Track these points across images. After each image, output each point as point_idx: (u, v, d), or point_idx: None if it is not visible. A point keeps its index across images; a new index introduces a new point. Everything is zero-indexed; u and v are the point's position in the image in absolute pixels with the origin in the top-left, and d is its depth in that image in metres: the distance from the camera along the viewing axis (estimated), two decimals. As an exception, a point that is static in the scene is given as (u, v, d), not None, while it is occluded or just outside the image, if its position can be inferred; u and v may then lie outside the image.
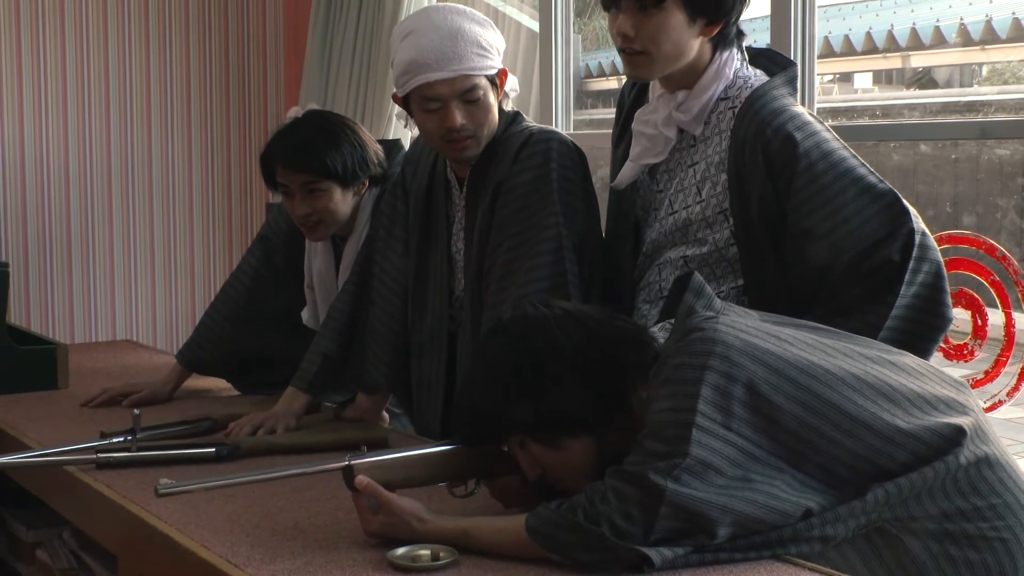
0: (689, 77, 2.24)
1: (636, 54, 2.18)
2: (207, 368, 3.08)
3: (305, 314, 3.01)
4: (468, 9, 2.47)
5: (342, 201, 2.78)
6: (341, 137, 2.76)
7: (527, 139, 2.45)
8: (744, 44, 2.29)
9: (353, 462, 1.86)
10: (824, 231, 2.08)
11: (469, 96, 2.40)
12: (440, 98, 2.39)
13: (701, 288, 1.83)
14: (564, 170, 2.42)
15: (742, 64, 2.26)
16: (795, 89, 2.24)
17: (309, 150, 2.73)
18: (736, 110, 2.20)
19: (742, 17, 2.25)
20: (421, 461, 1.91)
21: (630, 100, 2.43)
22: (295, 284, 3.02)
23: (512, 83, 2.51)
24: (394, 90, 2.50)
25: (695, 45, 2.19)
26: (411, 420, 2.83)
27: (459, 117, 2.39)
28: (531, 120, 2.58)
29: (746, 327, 1.74)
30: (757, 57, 2.31)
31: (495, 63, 2.43)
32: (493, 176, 2.48)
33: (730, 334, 1.71)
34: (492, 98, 2.44)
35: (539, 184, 2.42)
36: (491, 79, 2.43)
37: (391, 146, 2.97)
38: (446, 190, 2.62)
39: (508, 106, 2.55)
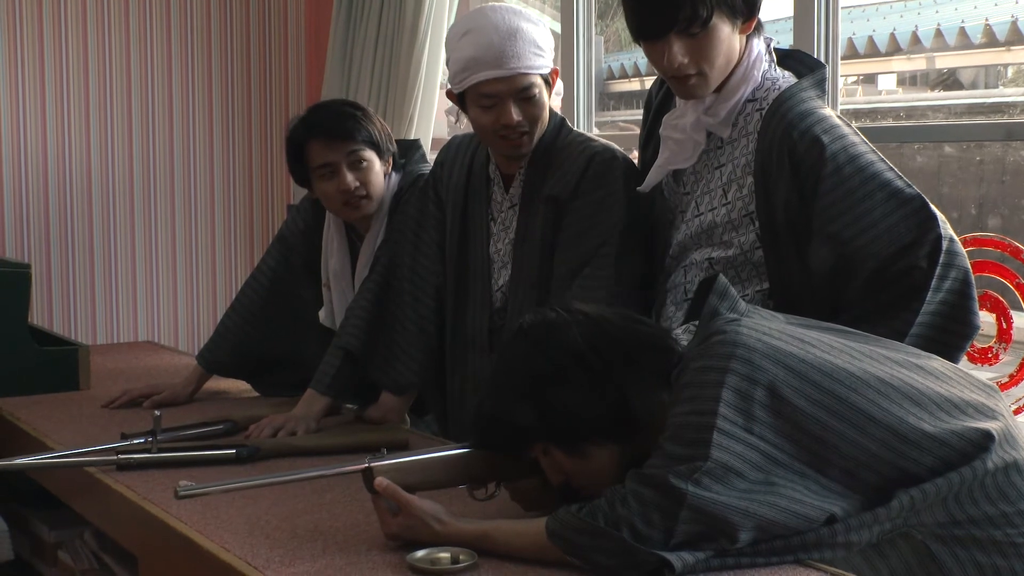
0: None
1: (690, 76, 2.16)
2: (227, 370, 3.08)
3: (322, 314, 3.00)
4: (523, 9, 2.51)
5: (380, 174, 2.82)
6: (366, 112, 2.85)
7: (592, 157, 2.48)
8: (772, 46, 2.27)
9: (373, 464, 1.86)
10: (850, 236, 2.07)
11: (525, 94, 2.44)
12: (497, 94, 2.42)
13: (725, 290, 1.82)
14: (631, 191, 2.45)
15: (770, 66, 2.25)
16: (824, 91, 2.22)
17: (350, 120, 2.78)
18: (763, 112, 2.18)
19: (765, 19, 2.24)
20: (441, 463, 1.90)
21: (657, 102, 2.42)
22: (314, 285, 3.02)
23: (557, 86, 2.53)
24: (447, 87, 2.55)
25: (737, 46, 2.19)
26: (439, 422, 2.82)
27: (516, 114, 2.44)
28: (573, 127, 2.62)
29: (769, 330, 1.73)
30: (785, 59, 2.29)
31: (548, 62, 2.48)
32: (553, 187, 2.51)
33: (752, 337, 1.70)
34: (546, 96, 2.49)
35: (608, 204, 2.45)
36: (545, 78, 2.47)
37: (409, 146, 2.98)
38: (486, 188, 2.62)
39: (556, 105, 2.57)
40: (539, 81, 2.45)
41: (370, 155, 2.79)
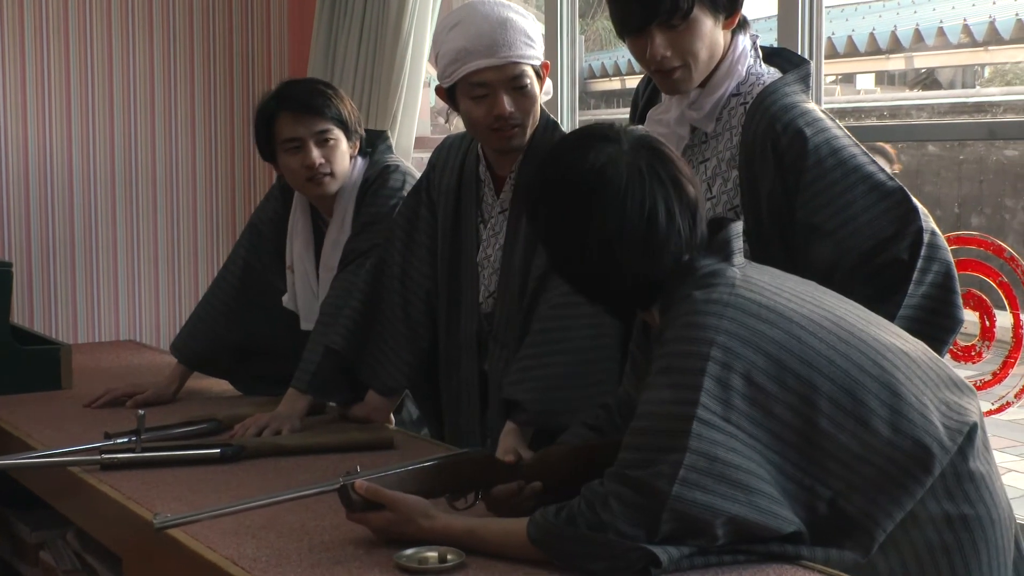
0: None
1: (674, 70, 2.17)
2: (202, 360, 3.06)
3: (285, 298, 3.01)
4: (511, 3, 2.50)
5: (346, 154, 2.86)
6: (337, 91, 2.88)
7: None
8: (759, 43, 2.28)
9: (348, 481, 1.85)
10: (832, 228, 2.07)
11: (517, 83, 2.43)
12: (489, 84, 2.41)
13: (727, 242, 1.79)
14: None
15: (756, 62, 2.26)
16: (808, 87, 2.23)
17: (321, 97, 2.81)
18: (748, 106, 2.19)
19: (749, 17, 2.25)
20: (416, 476, 1.90)
21: (644, 100, 2.43)
22: (284, 273, 3.03)
23: (547, 85, 2.54)
24: (436, 84, 2.53)
25: (721, 41, 2.19)
26: (432, 424, 2.82)
27: (508, 105, 2.42)
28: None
29: (757, 309, 1.68)
30: (772, 56, 2.30)
31: (539, 54, 2.47)
32: None
33: (736, 319, 1.67)
34: (537, 88, 2.48)
35: None
36: (536, 70, 2.47)
37: (376, 136, 3.00)
38: (477, 191, 2.62)
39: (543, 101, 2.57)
40: (531, 72, 2.44)
41: (338, 134, 2.82)
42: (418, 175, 2.89)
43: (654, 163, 1.77)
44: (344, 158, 2.84)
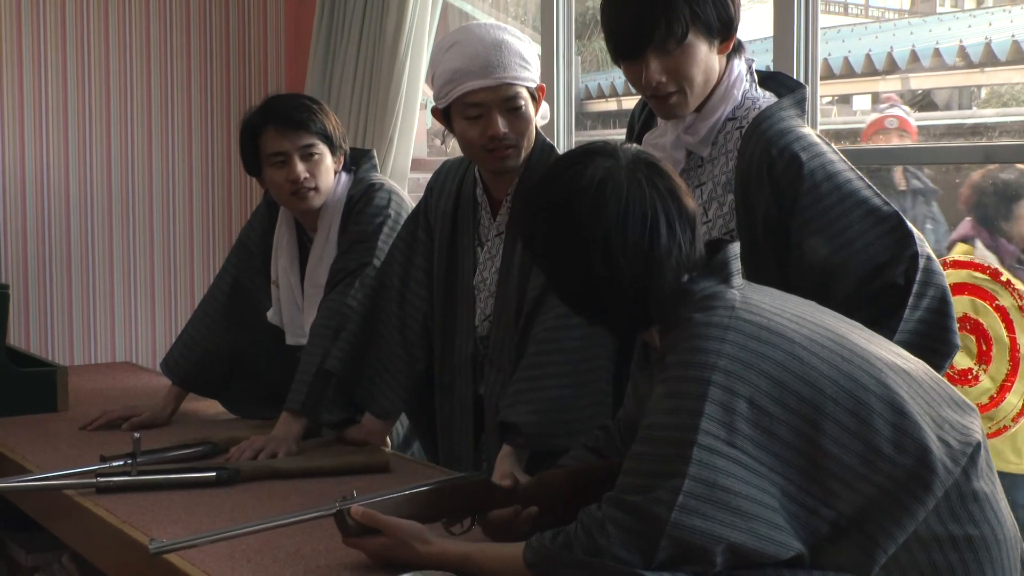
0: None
1: (670, 95, 2.18)
2: (193, 380, 3.06)
3: (270, 313, 3.01)
4: (507, 25, 2.52)
5: (331, 169, 2.88)
6: (322, 106, 2.91)
7: None
8: (754, 68, 2.28)
9: (344, 506, 1.84)
10: (827, 252, 2.07)
11: (511, 104, 2.44)
12: (483, 104, 2.42)
13: (726, 264, 1.78)
14: None
15: (751, 86, 2.26)
16: (803, 111, 2.23)
17: (306, 112, 2.84)
18: (743, 130, 2.19)
19: (744, 39, 2.25)
20: (412, 500, 1.89)
21: (640, 124, 2.43)
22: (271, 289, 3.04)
23: (543, 109, 2.54)
24: (432, 105, 2.53)
25: (716, 65, 2.20)
26: (426, 448, 2.82)
27: (502, 125, 2.43)
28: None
29: (758, 331, 1.68)
30: (767, 80, 2.30)
31: (535, 76, 2.48)
32: None
33: (738, 342, 1.66)
34: (532, 110, 2.49)
35: None
36: (531, 92, 2.48)
37: (361, 155, 3.02)
38: (474, 214, 2.63)
39: (540, 124, 2.58)
40: (525, 93, 2.45)
41: (322, 148, 2.85)
42: (405, 195, 2.92)
43: (652, 176, 1.77)
44: (328, 173, 2.87)
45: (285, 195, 2.86)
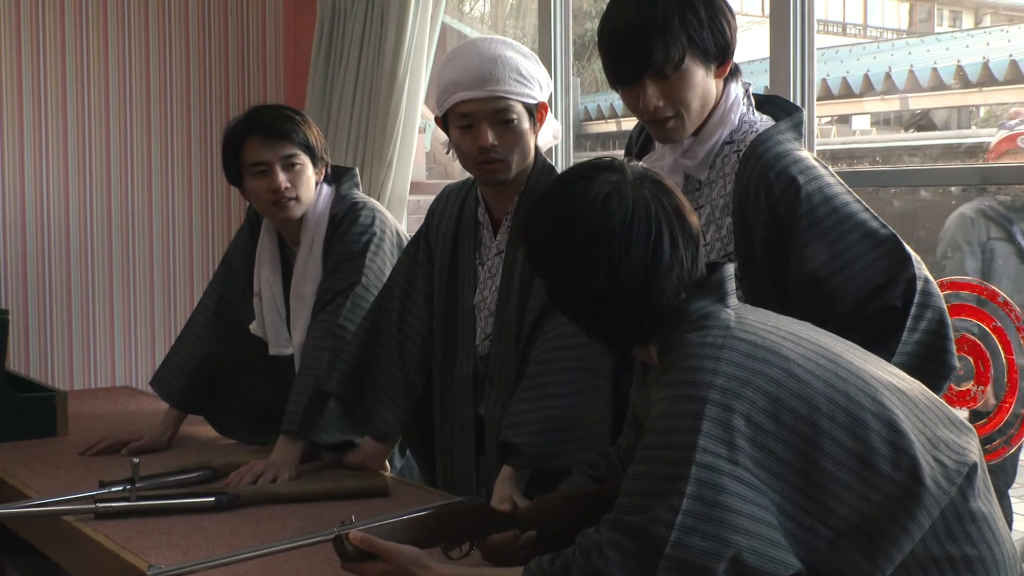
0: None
1: (667, 120, 2.19)
2: (181, 396, 3.06)
3: (253, 325, 3.02)
4: (515, 42, 2.53)
5: (312, 179, 2.89)
6: (304, 117, 2.92)
7: None
8: (751, 91, 2.29)
9: (342, 531, 1.84)
10: (825, 275, 2.07)
11: (502, 116, 2.44)
12: (473, 115, 2.43)
13: (722, 284, 1.79)
14: None
15: (748, 110, 2.27)
16: (800, 135, 2.24)
17: (289, 123, 2.85)
18: (741, 154, 2.20)
19: (741, 61, 2.26)
20: (411, 525, 1.89)
21: (638, 147, 2.44)
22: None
23: (555, 129, 2.54)
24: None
25: (713, 90, 2.21)
26: (425, 471, 2.82)
27: (491, 137, 2.44)
28: None
29: (753, 350, 1.68)
30: (764, 104, 2.31)
31: (534, 94, 2.48)
32: None
33: (733, 361, 1.66)
34: (527, 126, 2.48)
35: None
36: (528, 108, 2.47)
37: (343, 172, 3.03)
38: (475, 233, 2.63)
39: (547, 143, 2.57)
40: (518, 108, 2.45)
41: (304, 159, 2.85)
42: (388, 214, 2.92)
43: (658, 193, 1.78)
44: (310, 183, 2.87)
45: (266, 205, 2.87)
